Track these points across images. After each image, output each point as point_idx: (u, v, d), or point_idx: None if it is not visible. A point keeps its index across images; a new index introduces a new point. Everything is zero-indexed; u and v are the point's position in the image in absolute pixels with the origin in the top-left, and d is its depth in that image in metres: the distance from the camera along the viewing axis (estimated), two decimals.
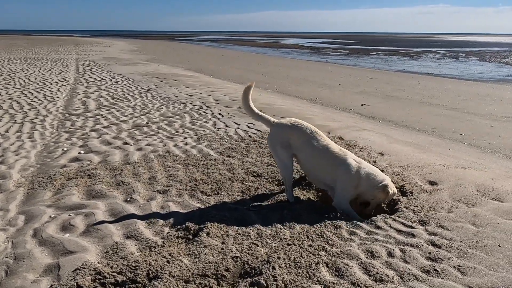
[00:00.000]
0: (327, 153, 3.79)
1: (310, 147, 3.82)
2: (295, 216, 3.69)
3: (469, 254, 3.06)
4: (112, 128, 7.09)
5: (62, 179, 4.61)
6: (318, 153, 3.79)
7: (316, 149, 3.80)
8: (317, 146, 3.81)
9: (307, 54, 39.93)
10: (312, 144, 3.82)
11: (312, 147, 3.81)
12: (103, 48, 39.42)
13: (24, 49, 33.10)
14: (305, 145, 3.84)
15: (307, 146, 3.83)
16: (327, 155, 3.78)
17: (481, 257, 3.02)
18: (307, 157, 3.86)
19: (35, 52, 29.15)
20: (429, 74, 21.55)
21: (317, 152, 3.80)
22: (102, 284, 2.65)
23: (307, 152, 3.85)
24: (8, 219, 3.68)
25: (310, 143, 3.82)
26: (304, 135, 3.86)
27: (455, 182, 4.43)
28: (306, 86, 15.47)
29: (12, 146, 5.93)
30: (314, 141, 3.83)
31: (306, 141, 3.84)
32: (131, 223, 3.55)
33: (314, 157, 3.83)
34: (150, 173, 4.76)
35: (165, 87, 12.22)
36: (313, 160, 3.84)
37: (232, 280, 2.79)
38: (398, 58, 34.66)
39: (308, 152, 3.84)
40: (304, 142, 3.84)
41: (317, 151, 3.80)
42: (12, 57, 23.66)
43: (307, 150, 3.84)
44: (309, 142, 3.83)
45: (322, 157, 3.79)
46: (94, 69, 17.55)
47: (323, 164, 3.81)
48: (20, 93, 10.79)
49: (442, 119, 9.55)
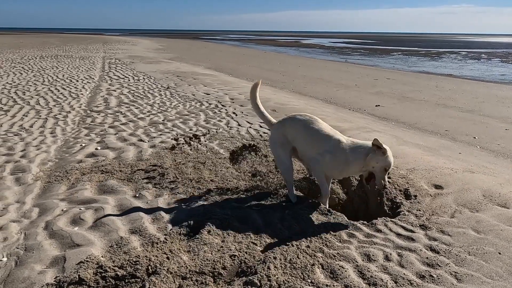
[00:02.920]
0: (319, 133, 3.71)
1: (304, 132, 3.75)
2: (296, 216, 3.66)
3: (467, 261, 2.97)
4: (130, 125, 7.19)
5: (78, 174, 4.71)
6: (311, 134, 3.72)
7: (310, 132, 3.73)
8: (310, 129, 3.73)
9: (327, 54, 39.53)
10: (306, 128, 3.75)
11: (306, 131, 3.74)
12: (129, 46, 40.04)
13: (56, 47, 33.96)
14: (300, 131, 3.78)
15: (301, 131, 3.77)
16: (318, 134, 3.70)
17: (480, 265, 2.93)
18: (302, 141, 3.80)
19: (65, 50, 29.87)
20: (448, 75, 21.00)
21: (310, 133, 3.73)
22: (103, 277, 2.70)
23: (301, 137, 3.78)
24: (24, 211, 3.78)
25: (304, 128, 3.75)
26: (299, 122, 3.80)
27: (461, 186, 4.30)
28: (322, 86, 15.32)
29: (34, 141, 6.10)
30: (308, 126, 3.75)
31: (301, 127, 3.77)
32: (137, 218, 3.60)
33: (307, 139, 3.76)
34: (161, 170, 4.81)
35: (184, 85, 12.32)
36: (306, 142, 3.77)
37: (228, 278, 2.79)
38: (419, 58, 33.90)
39: (302, 136, 3.77)
40: (299, 129, 3.78)
41: (311, 132, 3.72)
42: (44, 55, 24.31)
43: (302, 135, 3.77)
44: (303, 127, 3.76)
45: (314, 138, 3.71)
46: (118, 67, 17.85)
47: (314, 143, 3.73)
48: (48, 90, 11.08)
49: (456, 121, 9.30)
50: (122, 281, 2.69)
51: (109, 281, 2.68)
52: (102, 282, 2.66)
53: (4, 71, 15.06)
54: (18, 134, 6.47)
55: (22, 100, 9.43)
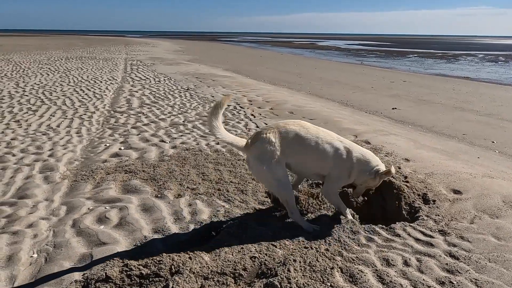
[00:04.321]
0: (323, 143, 3.33)
1: (300, 141, 3.28)
2: (315, 219, 3.64)
3: (488, 268, 2.90)
4: (151, 126, 7.28)
5: (102, 173, 4.79)
6: (314, 147, 3.30)
7: (310, 143, 3.30)
8: (307, 137, 3.30)
9: (343, 56, 39.20)
10: (304, 139, 3.29)
11: (306, 142, 3.29)
12: (150, 48, 40.50)
13: (80, 49, 34.60)
14: (295, 141, 3.28)
15: (296, 141, 3.28)
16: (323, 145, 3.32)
17: (501, 272, 2.86)
18: (303, 155, 3.32)
19: (89, 52, 30.41)
20: (465, 78, 20.56)
21: (311, 145, 3.29)
22: (128, 275, 2.73)
23: (302, 149, 3.29)
24: (52, 209, 3.87)
25: (303, 139, 3.29)
26: (293, 132, 3.29)
27: (481, 192, 4.21)
28: (338, 88, 15.20)
29: (61, 140, 6.23)
30: (306, 136, 3.29)
31: (300, 138, 3.28)
32: (160, 218, 3.64)
33: (308, 153, 3.31)
34: (182, 171, 4.85)
35: (203, 87, 12.39)
36: (308, 156, 3.33)
37: (249, 279, 2.79)
38: (435, 61, 33.31)
39: (303, 149, 3.29)
40: (297, 140, 3.28)
41: (312, 144, 3.30)
42: (69, 56, 24.80)
43: (302, 147, 3.29)
44: (303, 138, 3.29)
45: (319, 150, 3.31)
46: (140, 68, 18.08)
47: (319, 156, 3.34)
48: (73, 90, 11.30)
49: (474, 125, 9.10)
50: (146, 280, 2.72)
51: (134, 279, 2.72)
52: (128, 280, 2.70)
53: (32, 72, 15.42)
54: (46, 134, 6.61)
55: (49, 100, 9.64)
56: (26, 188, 4.31)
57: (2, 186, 4.38)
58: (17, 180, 4.55)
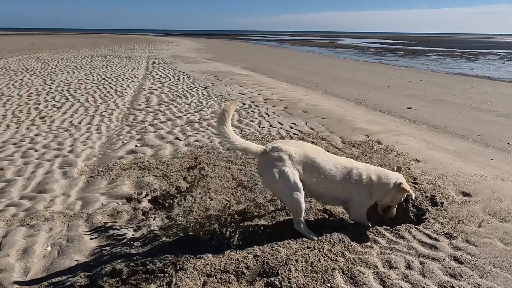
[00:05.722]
0: (336, 167, 3.28)
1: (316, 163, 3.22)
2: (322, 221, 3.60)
3: (492, 274, 2.81)
4: (168, 124, 7.35)
5: (118, 169, 4.86)
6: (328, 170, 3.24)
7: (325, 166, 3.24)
8: (323, 163, 3.25)
9: (361, 55, 38.58)
10: (319, 162, 3.24)
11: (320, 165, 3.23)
12: (172, 46, 40.88)
13: (106, 47, 35.23)
14: (311, 162, 3.23)
15: (313, 162, 3.23)
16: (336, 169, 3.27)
17: (505, 278, 2.76)
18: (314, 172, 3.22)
19: (114, 50, 30.93)
20: (485, 77, 19.90)
21: (326, 168, 3.24)
22: (134, 271, 2.77)
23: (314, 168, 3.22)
24: (68, 204, 3.96)
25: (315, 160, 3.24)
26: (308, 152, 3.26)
27: (491, 195, 4.07)
28: (354, 87, 14.98)
29: (81, 137, 6.36)
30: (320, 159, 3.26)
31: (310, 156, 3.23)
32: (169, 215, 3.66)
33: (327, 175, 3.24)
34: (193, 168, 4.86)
35: (221, 85, 12.42)
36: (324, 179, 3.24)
37: (251, 278, 2.79)
38: (454, 60, 32.38)
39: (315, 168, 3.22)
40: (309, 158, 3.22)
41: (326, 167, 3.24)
42: (95, 54, 25.29)
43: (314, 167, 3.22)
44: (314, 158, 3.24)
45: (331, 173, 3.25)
46: (161, 66, 18.27)
47: (333, 180, 3.27)
48: (96, 88, 11.52)
49: (490, 126, 8.80)
50: (151, 275, 2.76)
51: (140, 274, 2.75)
52: (133, 275, 2.73)
53: (59, 70, 15.81)
54: (68, 130, 6.77)
55: (73, 98, 9.86)
56: (45, 183, 4.43)
57: (23, 180, 4.51)
58: (38, 175, 4.68)
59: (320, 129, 6.99)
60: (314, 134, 6.62)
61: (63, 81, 12.84)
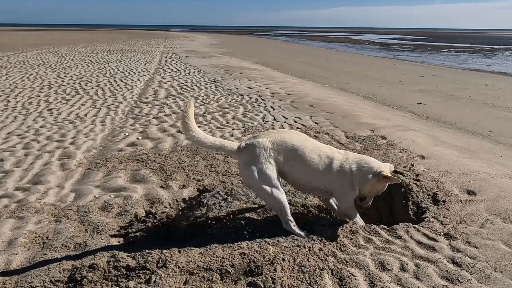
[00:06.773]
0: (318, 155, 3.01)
1: (295, 149, 2.97)
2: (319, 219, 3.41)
3: (492, 278, 2.58)
4: (172, 117, 7.23)
5: (116, 162, 4.76)
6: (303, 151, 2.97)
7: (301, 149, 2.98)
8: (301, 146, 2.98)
9: (376, 50, 37.78)
10: (297, 145, 2.98)
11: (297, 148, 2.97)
12: (187, 41, 40.83)
13: (123, 42, 35.40)
14: (290, 149, 2.97)
15: (292, 149, 2.97)
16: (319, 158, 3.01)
17: (506, 283, 2.53)
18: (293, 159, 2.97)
19: (131, 45, 31.04)
20: (501, 73, 19.17)
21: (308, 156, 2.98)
22: (115, 267, 2.64)
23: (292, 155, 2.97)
24: (61, 196, 3.87)
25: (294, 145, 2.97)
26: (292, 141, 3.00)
27: (497, 193, 3.81)
28: (365, 82, 14.59)
29: (85, 129, 6.29)
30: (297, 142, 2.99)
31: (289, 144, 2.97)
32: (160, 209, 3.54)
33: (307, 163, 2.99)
34: (191, 162, 4.74)
35: (230, 79, 12.25)
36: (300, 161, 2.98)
37: (236, 276, 2.63)
38: (470, 55, 31.37)
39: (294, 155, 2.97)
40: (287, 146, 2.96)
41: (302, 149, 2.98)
42: (111, 49, 25.40)
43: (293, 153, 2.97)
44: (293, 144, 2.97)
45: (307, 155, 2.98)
46: (174, 61, 18.19)
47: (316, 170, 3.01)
48: (107, 81, 11.49)
49: (502, 122, 8.39)
50: (133, 272, 2.62)
51: (121, 270, 2.62)
52: (114, 271, 2.61)
53: (74, 64, 15.89)
54: (73, 122, 6.72)
55: (83, 91, 9.84)
56: (41, 174, 4.35)
57: (21, 171, 4.45)
58: (36, 166, 4.61)
59: (325, 123, 6.76)
60: (318, 128, 6.40)
61: (76, 74, 12.87)
